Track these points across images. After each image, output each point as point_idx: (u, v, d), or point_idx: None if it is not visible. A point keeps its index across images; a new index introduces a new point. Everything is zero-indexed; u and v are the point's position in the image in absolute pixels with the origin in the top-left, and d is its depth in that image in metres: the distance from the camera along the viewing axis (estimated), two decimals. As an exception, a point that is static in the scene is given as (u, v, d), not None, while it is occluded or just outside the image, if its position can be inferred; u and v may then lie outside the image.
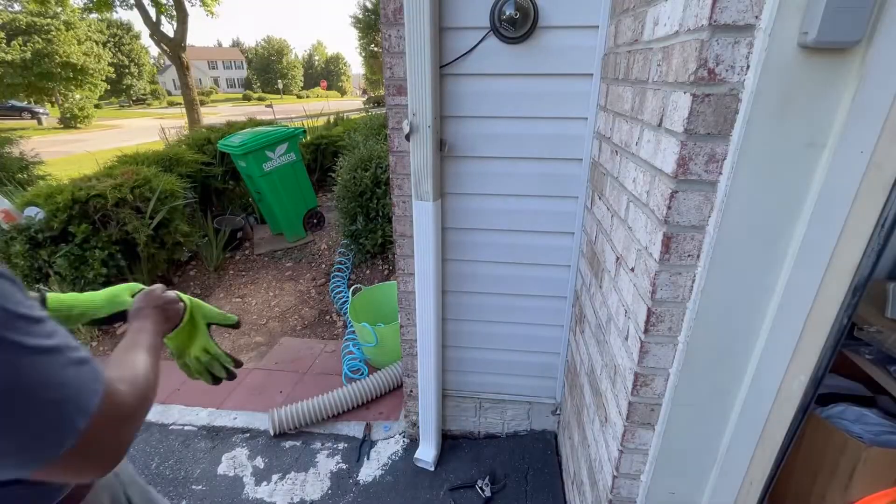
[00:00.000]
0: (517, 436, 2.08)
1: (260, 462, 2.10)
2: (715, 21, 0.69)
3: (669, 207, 0.82)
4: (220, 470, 2.07)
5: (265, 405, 2.45)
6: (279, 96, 50.73)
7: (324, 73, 67.91)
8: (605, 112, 1.33)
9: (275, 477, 2.01)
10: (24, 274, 2.83)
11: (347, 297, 3.29)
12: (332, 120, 7.05)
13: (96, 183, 2.87)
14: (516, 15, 1.30)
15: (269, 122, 5.10)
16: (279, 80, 56.08)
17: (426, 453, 1.98)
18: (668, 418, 0.99)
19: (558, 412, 1.98)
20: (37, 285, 2.85)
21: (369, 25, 27.52)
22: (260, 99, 48.08)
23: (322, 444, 2.18)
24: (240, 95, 52.14)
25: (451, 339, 1.89)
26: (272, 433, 2.22)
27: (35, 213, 2.59)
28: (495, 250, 1.70)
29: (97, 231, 2.84)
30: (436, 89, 1.42)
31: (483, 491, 1.84)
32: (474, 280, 1.76)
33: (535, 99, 1.46)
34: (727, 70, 0.71)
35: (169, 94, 53.37)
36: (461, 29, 1.40)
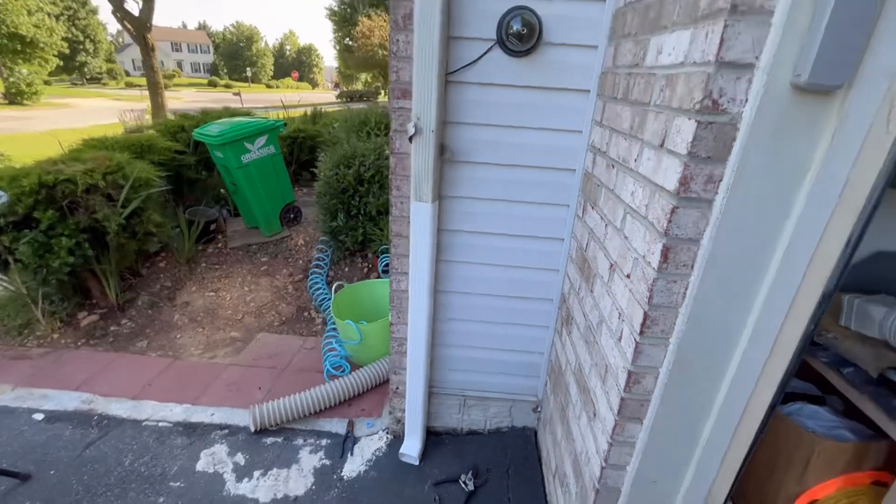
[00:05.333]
0: (499, 432, 2.15)
1: (241, 458, 2.07)
2: (721, 58, 0.77)
3: (670, 221, 0.91)
4: (199, 466, 2.03)
5: (244, 401, 2.41)
6: (247, 84, 49.05)
7: (295, 64, 66.20)
8: (601, 127, 1.41)
9: (256, 473, 2.00)
10: (-18, 261, 2.66)
11: (327, 293, 3.28)
12: (308, 113, 6.93)
13: (64, 167, 2.72)
14: (523, 30, 1.36)
15: (247, 113, 4.97)
16: (248, 68, 54.19)
17: (411, 448, 2.02)
18: (656, 413, 1.08)
19: (539, 409, 2.07)
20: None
21: (345, 18, 27.13)
22: (227, 86, 46.29)
23: (304, 441, 2.18)
24: (205, 81, 50.00)
25: (439, 337, 1.94)
26: (253, 429, 2.20)
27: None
28: (487, 253, 1.76)
29: (64, 218, 2.70)
30: (441, 96, 1.46)
31: (466, 485, 1.90)
32: (466, 281, 1.82)
33: (534, 110, 1.53)
34: (729, 102, 0.80)
35: (127, 74, 50.54)
36: (468, 39, 1.45)
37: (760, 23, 0.75)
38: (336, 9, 26.71)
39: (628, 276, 1.11)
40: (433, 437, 2.15)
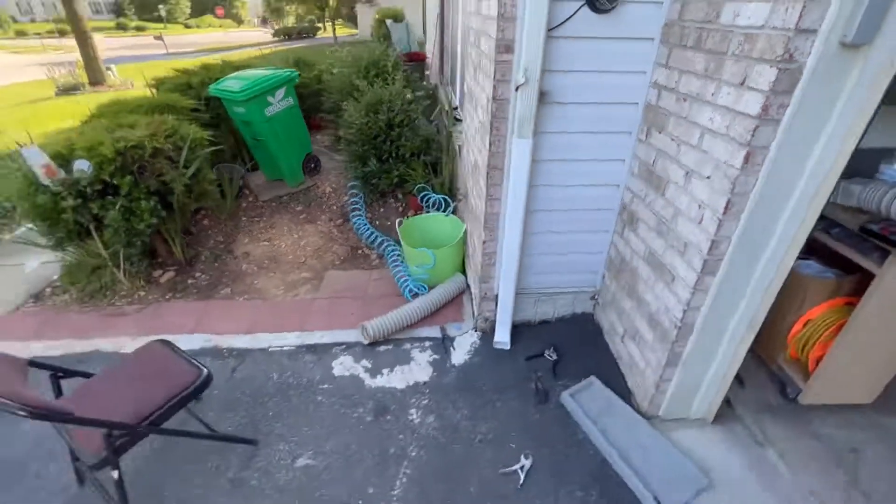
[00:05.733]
0: (564, 319, 2.75)
1: (366, 363, 2.56)
2: (798, 26, 1.23)
3: (752, 135, 1.40)
4: (336, 372, 2.51)
5: (344, 324, 2.86)
6: (163, 25, 43.64)
7: (214, -2, 58.93)
8: (667, 69, 1.85)
9: (385, 370, 2.51)
10: (68, 230, 2.82)
11: (375, 232, 3.66)
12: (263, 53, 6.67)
13: (127, 133, 2.84)
14: (611, -7, 1.73)
15: (246, 64, 4.89)
16: (160, 6, 47.88)
17: (503, 336, 2.58)
18: (725, 269, 1.65)
19: (596, 297, 2.67)
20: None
21: (272, -58, 24.37)
22: (138, 29, 41.12)
23: (411, 346, 2.69)
24: (111, 24, 43.97)
25: (525, 248, 2.43)
26: (366, 342, 2.67)
27: (86, 167, 2.56)
28: (565, 176, 2.22)
29: (136, 183, 2.87)
30: (544, 49, 1.83)
31: (551, 356, 2.50)
32: (548, 201, 2.28)
33: (610, 56, 1.93)
34: (799, 55, 1.27)
35: (14, 20, 43.39)
36: (562, 0, 1.80)
37: (825, 3, 1.20)
38: (261, -69, 23.87)
39: (709, 178, 1.61)
40: (513, 329, 2.72)
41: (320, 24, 34.02)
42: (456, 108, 3.90)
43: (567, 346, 2.58)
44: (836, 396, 2.06)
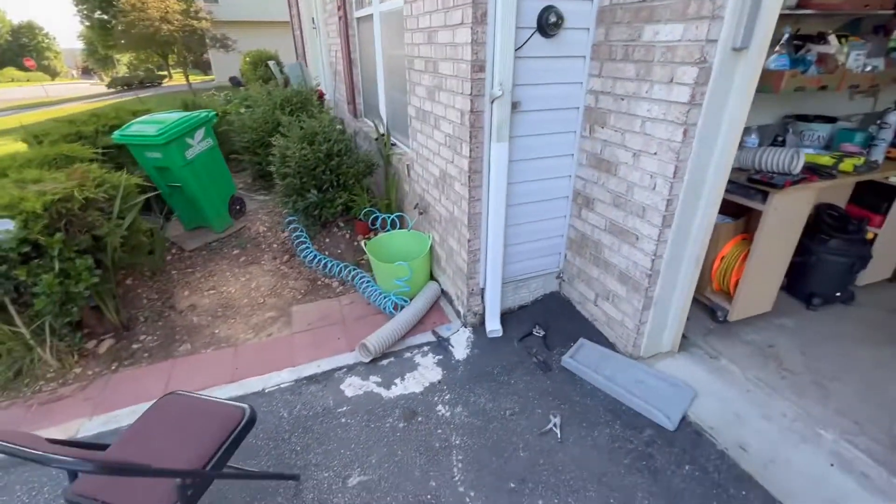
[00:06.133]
0: (538, 300, 3.11)
1: (376, 378, 2.58)
2: (707, 38, 1.78)
3: (687, 116, 1.93)
4: (349, 393, 2.48)
5: (335, 350, 2.82)
6: (-55, 81, 35.66)
7: (14, 49, 50.16)
8: (601, 78, 2.37)
9: (397, 380, 2.56)
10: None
11: (332, 261, 3.66)
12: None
13: (49, 185, 2.48)
14: (556, 20, 2.20)
15: (147, 110, 4.46)
16: (-64, 59, 39.16)
17: (494, 325, 2.83)
18: (678, 219, 2.16)
19: (561, 276, 3.09)
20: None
21: (95, -13, 22.06)
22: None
23: (411, 354, 2.78)
24: None
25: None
26: (367, 360, 2.69)
27: (10, 226, 2.16)
28: (530, 172, 2.61)
29: (65, 240, 2.51)
30: (514, 67, 2.21)
31: (539, 332, 2.83)
32: (518, 195, 2.64)
33: (556, 72, 2.40)
34: (710, 57, 1.83)
35: None
36: (520, 28, 2.21)
37: (720, 22, 1.77)
38: (79, -26, 21.47)
39: (655, 154, 2.13)
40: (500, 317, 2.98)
41: (164, 73, 31.27)
42: (383, 135, 4.12)
43: (549, 322, 2.93)
44: (751, 310, 2.75)
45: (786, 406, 2.21)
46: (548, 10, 2.19)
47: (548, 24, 2.21)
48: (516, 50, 2.22)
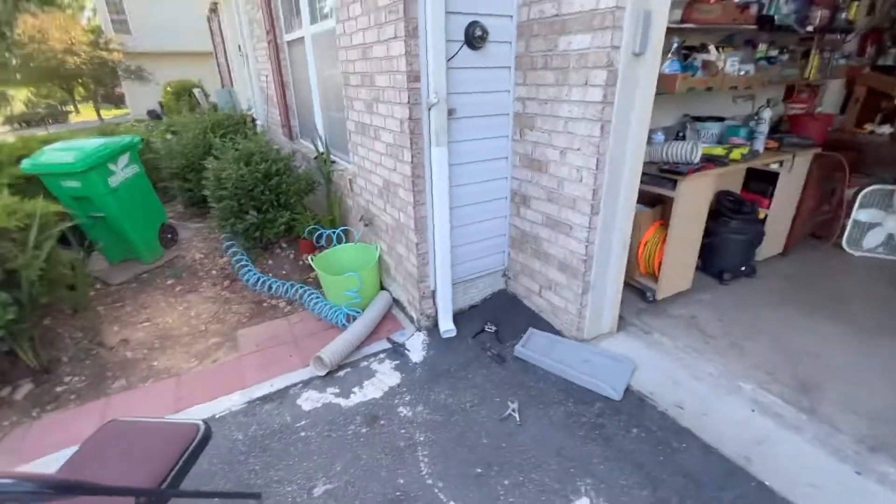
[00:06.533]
0: (487, 299, 3.24)
1: (334, 389, 2.55)
2: (612, 44, 2.05)
3: (602, 114, 2.18)
4: (307, 407, 2.43)
5: (287, 368, 2.75)
6: None
7: None
8: (526, 86, 2.60)
9: (355, 389, 2.54)
10: None
11: (277, 281, 3.57)
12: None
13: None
14: (483, 34, 2.40)
15: (57, 137, 4.12)
16: None
17: (448, 325, 2.91)
18: (604, 208, 2.40)
19: (507, 273, 3.25)
20: None
21: (-18, 17, 20.20)
22: None
23: (368, 362, 2.77)
24: None
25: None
26: (322, 374, 2.65)
27: None
28: (469, 176, 2.77)
29: (-29, 276, 2.27)
30: (447, 76, 2.37)
31: (491, 328, 2.94)
32: (460, 196, 2.78)
33: (485, 81, 2.60)
34: (616, 61, 2.10)
35: None
36: (449, 41, 2.38)
37: (621, 31, 2.05)
38: (-38, 4, 19.50)
39: (579, 149, 2.36)
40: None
41: (70, 108, 28.84)
42: (322, 154, 4.14)
43: (499, 318, 3.06)
44: (673, 288, 3.06)
45: (711, 366, 2.47)
46: (473, 24, 2.39)
47: (474, 38, 2.41)
48: (448, 60, 2.39)
